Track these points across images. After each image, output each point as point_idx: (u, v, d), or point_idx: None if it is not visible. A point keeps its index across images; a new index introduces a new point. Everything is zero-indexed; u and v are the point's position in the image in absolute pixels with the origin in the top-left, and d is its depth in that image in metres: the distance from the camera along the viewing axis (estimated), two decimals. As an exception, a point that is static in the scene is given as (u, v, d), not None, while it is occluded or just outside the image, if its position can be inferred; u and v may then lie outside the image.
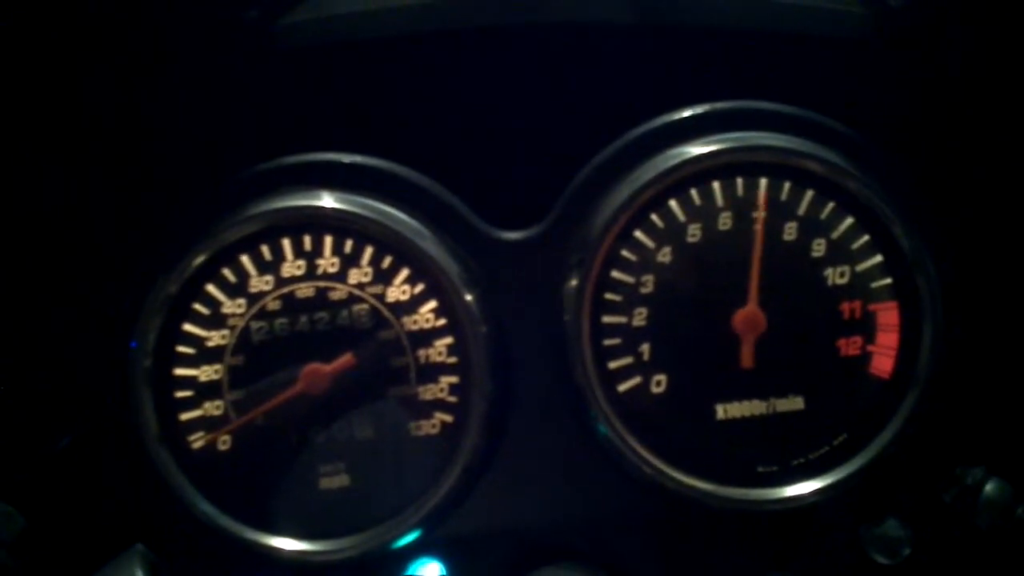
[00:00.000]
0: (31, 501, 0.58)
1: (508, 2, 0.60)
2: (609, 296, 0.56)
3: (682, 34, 0.61)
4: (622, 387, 0.56)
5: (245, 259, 0.56)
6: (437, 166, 0.59)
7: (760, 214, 0.56)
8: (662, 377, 0.56)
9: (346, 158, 0.58)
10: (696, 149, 0.55)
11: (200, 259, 0.56)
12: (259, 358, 0.57)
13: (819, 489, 0.56)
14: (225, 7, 0.58)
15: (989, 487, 0.55)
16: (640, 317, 0.56)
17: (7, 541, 0.58)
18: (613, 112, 0.59)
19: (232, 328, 0.57)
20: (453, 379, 0.56)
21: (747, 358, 0.55)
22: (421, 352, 0.57)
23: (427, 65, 0.61)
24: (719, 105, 0.58)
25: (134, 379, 0.56)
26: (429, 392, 0.57)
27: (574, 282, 0.56)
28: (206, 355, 0.57)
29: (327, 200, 0.56)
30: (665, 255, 0.56)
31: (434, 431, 0.57)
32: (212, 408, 0.57)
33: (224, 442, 0.57)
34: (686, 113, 0.58)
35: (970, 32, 0.58)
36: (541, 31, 0.60)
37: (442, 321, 0.56)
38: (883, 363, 0.56)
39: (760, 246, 0.55)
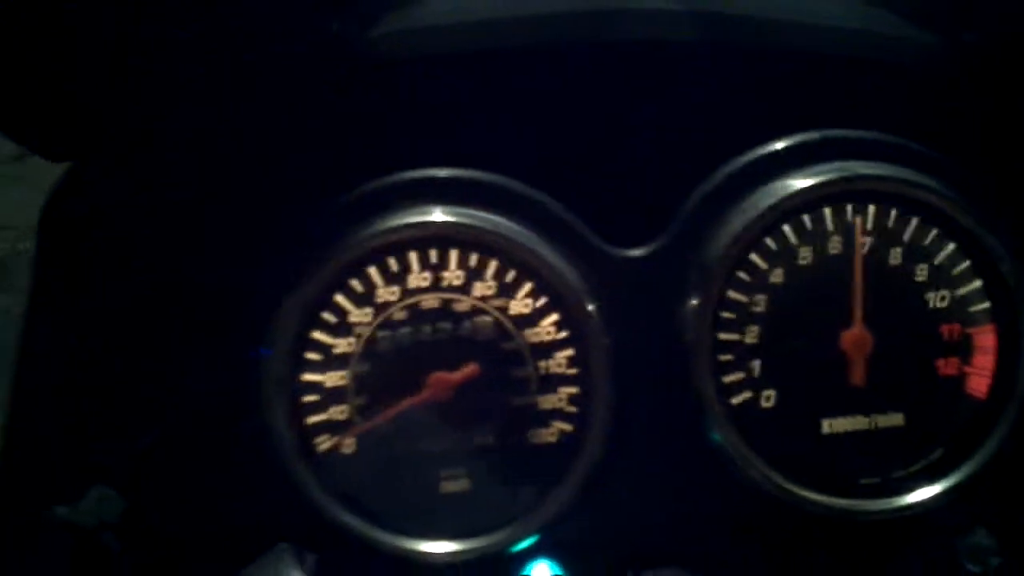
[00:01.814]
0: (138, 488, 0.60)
1: (608, 20, 0.63)
2: (724, 314, 0.58)
3: (768, 58, 0.63)
4: (735, 400, 0.59)
5: (373, 271, 0.58)
6: (547, 183, 0.61)
7: (867, 239, 0.59)
8: (772, 392, 0.59)
9: (471, 175, 0.60)
10: (812, 179, 0.58)
11: (333, 270, 0.58)
12: (384, 365, 0.59)
13: (919, 502, 0.59)
14: (307, 22, 0.59)
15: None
16: (752, 335, 0.59)
17: (111, 523, 0.60)
18: (713, 134, 0.62)
19: (359, 336, 0.59)
20: (572, 390, 0.59)
21: (858, 376, 0.58)
22: (542, 363, 0.59)
23: (536, 79, 0.63)
24: (831, 133, 0.60)
25: (267, 384, 0.58)
26: (548, 402, 0.59)
27: (695, 301, 0.58)
28: (333, 361, 0.59)
29: (454, 216, 0.58)
30: (777, 276, 0.59)
31: (552, 439, 0.59)
32: (337, 413, 0.59)
33: (349, 445, 0.59)
34: (798, 140, 0.60)
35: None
36: (641, 48, 0.63)
37: (563, 334, 0.59)
38: (979, 384, 0.59)
39: (866, 270, 0.58)
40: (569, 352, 0.59)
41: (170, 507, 0.62)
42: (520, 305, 0.59)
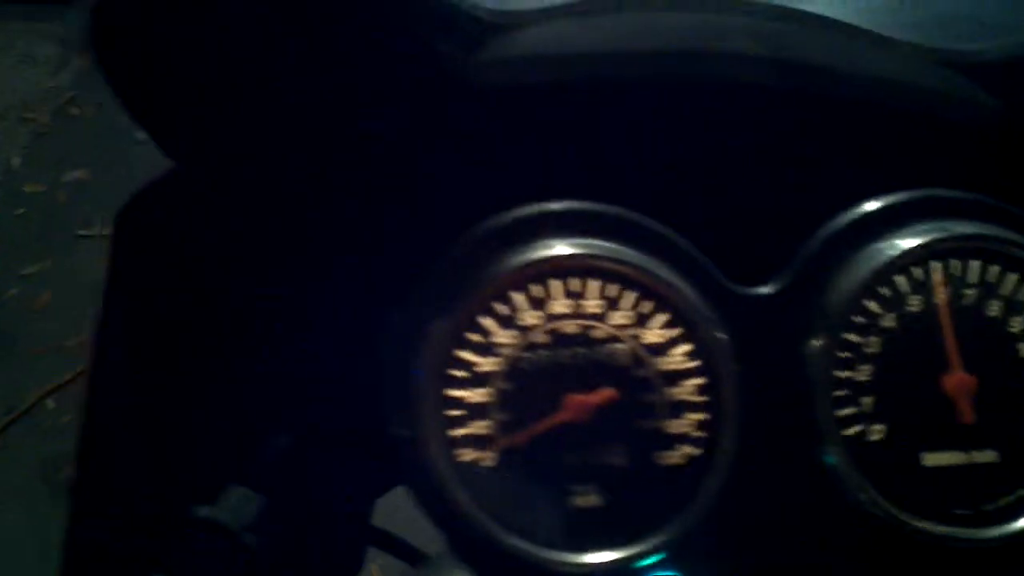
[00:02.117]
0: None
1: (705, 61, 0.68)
2: (842, 354, 0.64)
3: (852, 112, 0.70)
4: (847, 432, 0.64)
5: (518, 296, 0.62)
6: (665, 218, 0.66)
7: (970, 292, 0.64)
8: (881, 426, 0.64)
9: (616, 211, 0.65)
10: (924, 237, 0.64)
11: (482, 296, 0.62)
12: (524, 384, 0.63)
13: (1008, 532, 0.64)
14: (414, 43, 0.64)
15: None
16: (864, 373, 0.64)
17: (250, 524, 0.63)
18: (812, 187, 0.68)
19: (503, 356, 0.63)
20: (700, 416, 0.63)
21: (967, 415, 0.64)
22: (672, 390, 0.63)
23: (643, 112, 0.69)
24: (938, 192, 0.66)
25: (417, 401, 0.61)
26: (676, 427, 0.63)
27: (819, 342, 0.63)
28: (477, 379, 0.62)
29: (596, 248, 0.63)
30: (889, 321, 0.64)
31: (680, 462, 0.63)
32: (479, 427, 0.63)
33: (490, 459, 0.62)
34: (904, 198, 0.66)
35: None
36: (735, 90, 0.69)
37: (695, 363, 0.63)
38: None
39: (967, 320, 0.64)
40: (699, 381, 0.63)
41: (303, 509, 0.65)
42: (654, 335, 0.63)
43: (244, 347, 0.67)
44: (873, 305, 0.64)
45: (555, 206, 0.64)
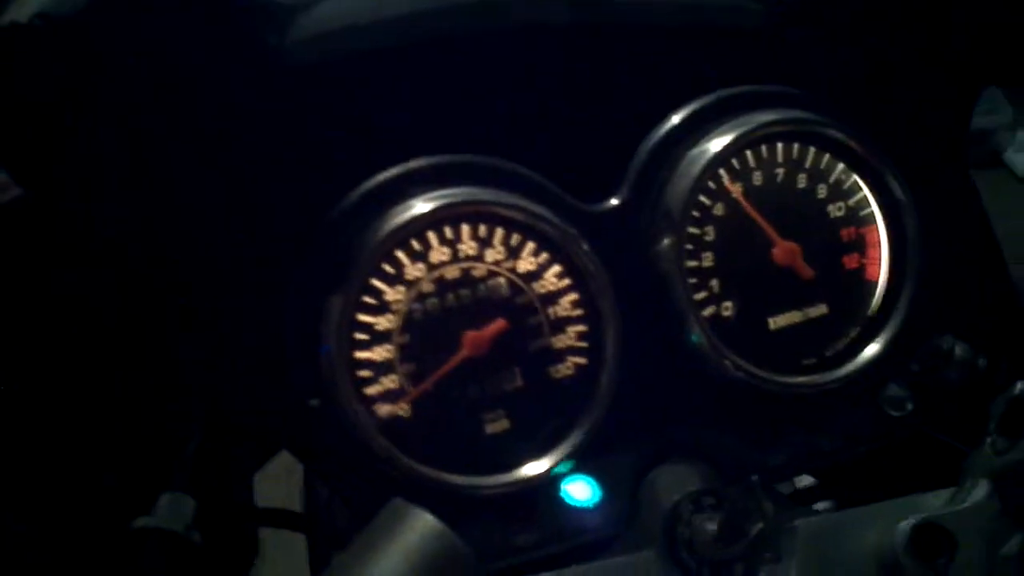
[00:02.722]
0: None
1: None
2: (686, 247, 0.72)
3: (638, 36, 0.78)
4: (704, 312, 0.72)
5: (400, 253, 0.67)
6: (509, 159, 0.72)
7: (780, 170, 0.74)
8: (729, 303, 0.73)
9: (471, 158, 0.70)
10: (735, 131, 0.73)
11: (367, 259, 0.66)
12: (422, 334, 0.67)
13: (848, 372, 0.74)
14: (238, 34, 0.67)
15: (957, 349, 0.76)
16: (708, 260, 0.72)
17: (190, 525, 0.65)
18: (626, 106, 0.75)
19: (397, 312, 0.67)
20: (581, 328, 0.70)
21: (805, 272, 0.74)
22: (552, 309, 0.70)
23: (447, 68, 0.74)
24: (732, 91, 0.76)
25: (330, 371, 0.65)
26: (561, 341, 0.70)
27: (667, 240, 0.71)
28: (377, 337, 0.67)
29: (462, 195, 0.68)
30: (718, 210, 0.73)
31: (571, 372, 0.70)
32: (389, 382, 0.67)
33: (404, 409, 0.67)
34: (716, 97, 0.76)
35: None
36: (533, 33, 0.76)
37: (566, 281, 0.70)
38: (874, 271, 0.76)
39: (783, 195, 0.74)
40: (573, 296, 0.70)
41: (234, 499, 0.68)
42: (526, 263, 0.69)
43: (141, 350, 0.68)
44: (704, 199, 0.72)
45: (416, 163, 0.69)
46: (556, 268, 0.70)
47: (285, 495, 0.93)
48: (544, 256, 0.70)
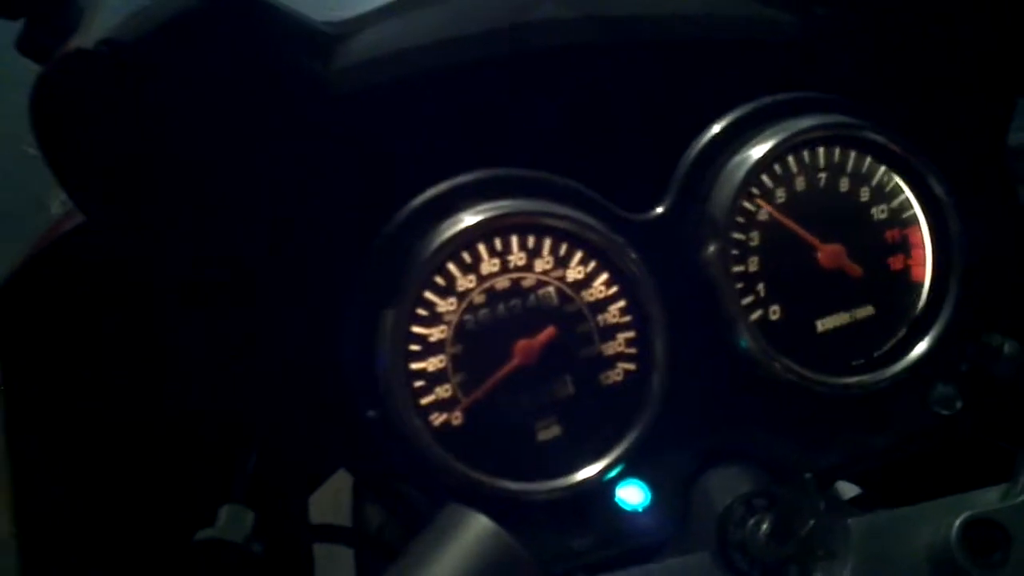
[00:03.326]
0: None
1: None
2: (732, 252, 0.73)
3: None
4: (752, 317, 0.73)
5: (451, 265, 0.68)
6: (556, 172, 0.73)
7: (823, 175, 0.75)
8: (777, 307, 0.74)
9: (515, 172, 0.71)
10: (775, 138, 0.74)
11: (417, 275, 0.68)
12: (473, 343, 0.69)
13: (897, 371, 0.75)
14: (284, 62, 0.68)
15: (1006, 346, 0.76)
16: (754, 264, 0.73)
17: (250, 536, 0.67)
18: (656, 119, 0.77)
19: (448, 323, 0.68)
20: (630, 334, 0.71)
21: (854, 271, 0.75)
22: (601, 316, 0.71)
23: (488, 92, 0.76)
24: (771, 99, 0.77)
25: (387, 382, 0.67)
26: (611, 348, 0.71)
27: (713, 246, 0.72)
28: (431, 349, 0.68)
29: (511, 207, 0.69)
30: (763, 215, 0.74)
31: (621, 378, 0.71)
32: (443, 392, 0.68)
33: (457, 418, 0.68)
34: (746, 109, 0.77)
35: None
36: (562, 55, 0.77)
37: (614, 289, 0.71)
38: (919, 272, 0.77)
39: (827, 198, 0.75)
40: (621, 303, 0.71)
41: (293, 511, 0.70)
42: (574, 272, 0.71)
43: (197, 375, 0.70)
44: (748, 204, 0.73)
45: (464, 178, 0.70)
46: (604, 276, 0.71)
47: (332, 518, 0.95)
48: (592, 265, 0.71)
